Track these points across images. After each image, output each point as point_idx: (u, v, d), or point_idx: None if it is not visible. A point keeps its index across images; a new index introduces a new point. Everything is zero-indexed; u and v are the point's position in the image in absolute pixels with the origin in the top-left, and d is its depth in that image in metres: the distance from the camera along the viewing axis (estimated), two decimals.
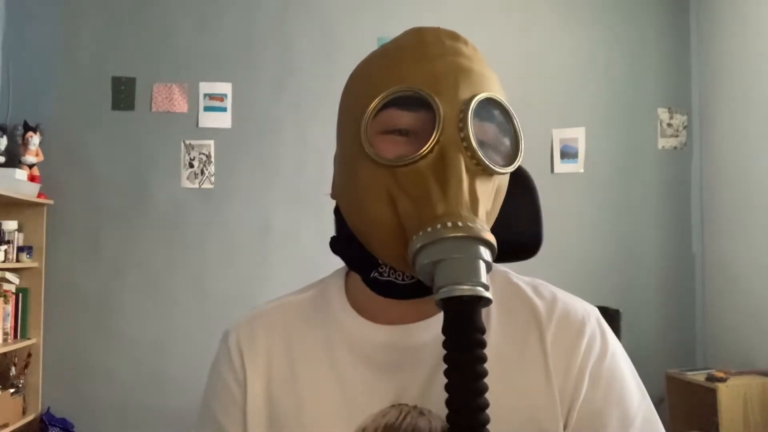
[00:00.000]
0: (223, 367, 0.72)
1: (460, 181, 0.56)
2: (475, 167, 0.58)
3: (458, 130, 0.57)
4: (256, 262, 3.31)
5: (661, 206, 3.60)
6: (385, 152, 0.60)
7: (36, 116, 3.17)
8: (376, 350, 0.67)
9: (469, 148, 0.57)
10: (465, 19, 3.45)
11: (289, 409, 0.67)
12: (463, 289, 0.51)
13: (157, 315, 3.25)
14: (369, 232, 0.62)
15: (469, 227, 0.53)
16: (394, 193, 0.59)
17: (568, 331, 0.67)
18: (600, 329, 0.68)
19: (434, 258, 0.53)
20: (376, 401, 0.65)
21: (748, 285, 3.19)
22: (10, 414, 2.88)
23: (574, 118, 3.55)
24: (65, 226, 3.22)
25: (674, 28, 3.67)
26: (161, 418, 3.16)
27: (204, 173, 3.31)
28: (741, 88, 3.30)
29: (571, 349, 0.66)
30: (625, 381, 0.66)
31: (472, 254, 0.53)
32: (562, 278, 3.26)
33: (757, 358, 3.08)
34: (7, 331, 2.93)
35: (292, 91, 3.37)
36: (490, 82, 0.62)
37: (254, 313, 0.75)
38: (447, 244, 0.53)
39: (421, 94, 0.58)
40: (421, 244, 0.54)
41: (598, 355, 0.66)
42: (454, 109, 0.58)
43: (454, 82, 0.59)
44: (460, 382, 0.51)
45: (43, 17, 3.30)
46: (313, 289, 0.76)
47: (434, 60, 0.61)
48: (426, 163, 0.57)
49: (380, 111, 0.60)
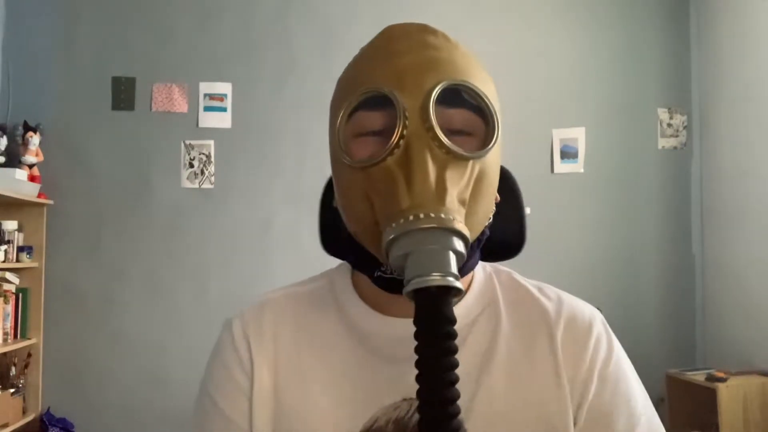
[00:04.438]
0: (227, 356, 0.70)
1: (425, 173, 0.55)
2: (445, 156, 0.57)
3: (422, 121, 0.57)
4: (256, 262, 3.31)
5: (661, 206, 3.60)
6: (359, 154, 0.60)
7: (36, 116, 3.17)
8: (388, 343, 0.67)
9: (435, 138, 0.57)
10: (465, 19, 3.46)
11: (297, 399, 0.67)
12: (432, 279, 0.51)
13: (157, 315, 3.25)
14: (357, 233, 0.63)
15: (433, 218, 0.53)
16: (370, 192, 0.59)
17: (576, 332, 0.68)
18: (605, 331, 0.70)
19: (403, 251, 0.53)
20: (387, 394, 0.65)
21: (748, 285, 3.19)
22: (10, 414, 2.88)
23: (574, 118, 3.55)
24: (65, 226, 3.21)
25: (674, 28, 3.67)
26: (161, 417, 3.16)
27: (204, 173, 3.31)
28: (741, 88, 3.30)
29: (580, 350, 0.67)
30: (630, 382, 0.68)
31: (440, 244, 0.52)
32: (562, 278, 3.27)
33: (757, 358, 3.08)
34: (7, 331, 2.93)
35: (292, 91, 3.37)
36: (461, 68, 0.61)
37: (261, 301, 0.74)
38: (414, 236, 0.53)
39: (383, 92, 0.59)
40: (389, 238, 0.54)
41: (605, 357, 0.67)
42: (417, 100, 0.58)
43: (418, 75, 0.59)
44: (430, 374, 0.50)
45: (43, 17, 3.30)
46: (321, 281, 0.76)
47: (400, 56, 0.61)
48: (394, 159, 0.57)
49: (352, 114, 0.61)
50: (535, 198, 3.41)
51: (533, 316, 0.69)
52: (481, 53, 0.65)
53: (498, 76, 0.66)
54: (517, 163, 1.15)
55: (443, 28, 0.65)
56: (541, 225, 3.29)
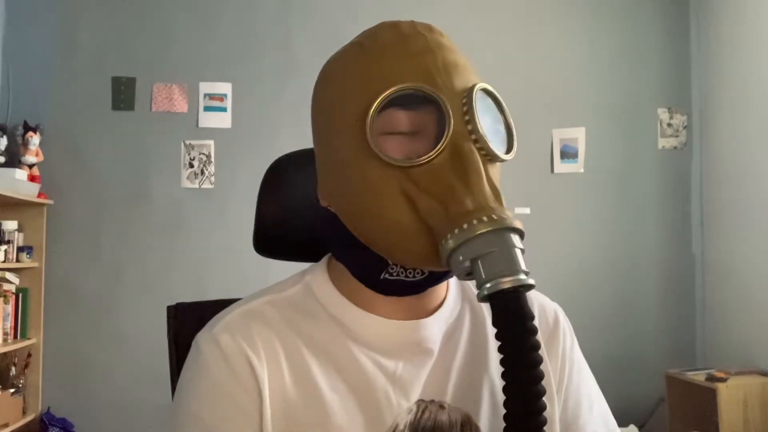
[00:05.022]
0: (218, 373, 0.64)
1: (480, 174, 0.56)
2: (484, 157, 0.58)
3: (465, 123, 0.57)
4: (255, 262, 3.28)
5: (661, 206, 3.60)
6: (392, 153, 0.58)
7: (36, 116, 3.16)
8: (387, 346, 0.66)
9: (479, 140, 0.57)
10: (465, 19, 3.45)
11: (312, 415, 0.63)
12: (508, 281, 0.53)
13: (157, 315, 3.23)
14: (386, 236, 0.60)
15: (501, 219, 0.54)
16: (412, 193, 0.57)
17: (549, 325, 0.74)
18: (566, 321, 0.77)
19: (473, 255, 0.53)
20: (398, 397, 0.64)
21: (749, 285, 3.18)
22: (10, 414, 2.88)
23: (574, 118, 3.55)
24: (65, 226, 3.21)
25: (674, 28, 3.67)
26: (161, 417, 3.14)
27: (204, 173, 3.31)
28: (741, 88, 3.29)
29: (554, 338, 0.74)
30: (585, 365, 0.77)
31: (509, 245, 0.54)
32: (562, 278, 3.28)
33: (757, 358, 3.08)
34: (7, 331, 2.92)
35: (292, 91, 3.37)
36: (473, 71, 0.63)
37: (241, 312, 0.68)
38: (484, 239, 0.53)
39: (424, 91, 0.58)
40: (457, 243, 0.54)
41: (570, 344, 0.75)
42: (455, 101, 0.58)
43: (447, 75, 0.59)
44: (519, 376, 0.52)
45: (43, 17, 3.29)
46: (296, 285, 0.71)
47: (422, 55, 0.60)
48: (441, 160, 0.57)
49: (380, 111, 0.59)
50: (535, 198, 3.42)
51: None
52: (481, 53, 0.65)
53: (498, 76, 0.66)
54: (517, 163, 1.15)
55: (443, 28, 0.66)
56: (541, 225, 3.29)
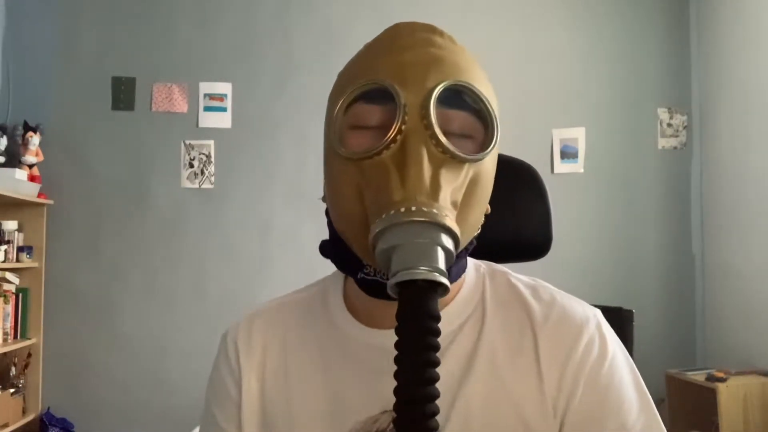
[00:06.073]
0: (221, 365, 0.73)
1: (420, 168, 0.54)
2: (441, 155, 0.56)
3: (421, 118, 0.56)
4: (256, 262, 3.31)
5: (661, 206, 3.60)
6: (355, 147, 0.59)
7: (36, 116, 3.16)
8: (369, 354, 0.65)
9: (433, 136, 0.56)
10: (465, 19, 3.45)
11: (280, 408, 0.67)
12: (418, 273, 0.48)
13: (157, 315, 3.25)
14: (345, 229, 0.62)
15: (425, 212, 0.51)
16: (362, 185, 0.58)
17: (563, 337, 0.65)
18: (599, 334, 0.66)
19: (391, 243, 0.51)
20: (366, 406, 0.64)
21: (748, 285, 3.18)
22: (10, 414, 2.88)
23: (574, 118, 3.55)
24: (65, 226, 3.21)
25: (674, 28, 3.67)
26: (161, 417, 3.15)
27: (204, 173, 3.31)
28: (741, 88, 3.30)
29: (566, 355, 0.64)
30: (623, 388, 0.64)
31: (430, 238, 0.51)
32: (562, 278, 3.26)
33: (757, 358, 3.08)
34: (7, 331, 2.93)
35: (292, 91, 3.37)
36: (464, 70, 0.61)
37: (253, 312, 0.75)
38: (403, 228, 0.51)
39: (384, 86, 0.58)
40: (378, 230, 0.52)
41: (595, 361, 0.64)
42: (418, 97, 0.57)
43: (421, 72, 0.58)
44: (408, 370, 0.47)
45: (43, 17, 3.29)
46: (314, 289, 0.76)
47: (403, 51, 0.60)
48: (389, 154, 0.56)
49: (350, 106, 0.60)
50: None
51: (520, 318, 0.67)
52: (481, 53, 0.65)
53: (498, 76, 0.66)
54: None
55: (443, 27, 0.65)
56: None
